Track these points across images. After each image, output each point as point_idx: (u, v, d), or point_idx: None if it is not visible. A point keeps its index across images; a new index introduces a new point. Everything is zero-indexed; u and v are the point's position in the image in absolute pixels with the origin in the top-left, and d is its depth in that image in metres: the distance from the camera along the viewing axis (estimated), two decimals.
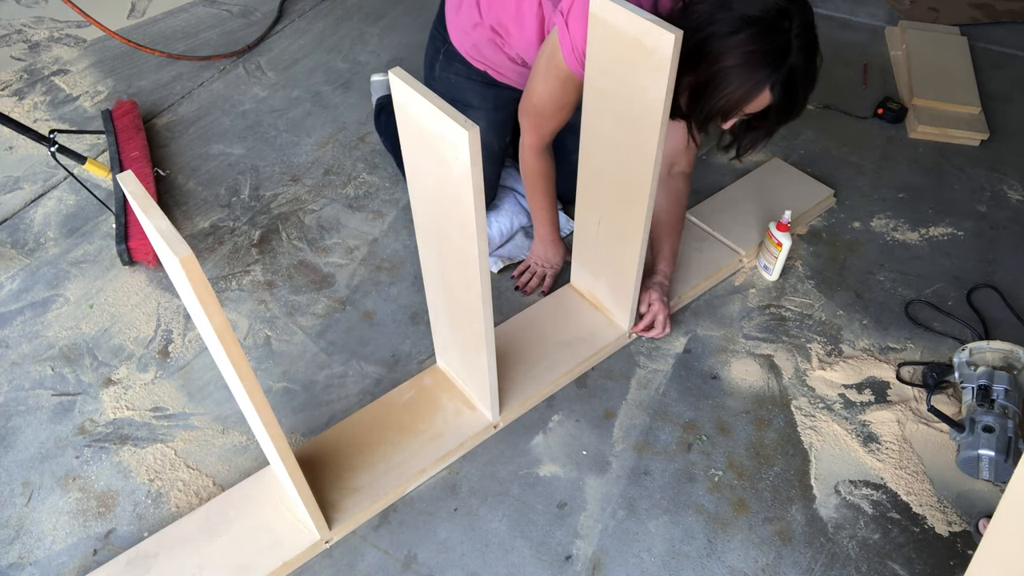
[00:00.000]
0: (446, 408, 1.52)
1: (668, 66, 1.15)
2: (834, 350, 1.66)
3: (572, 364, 1.60)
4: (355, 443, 1.47)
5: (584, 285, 1.72)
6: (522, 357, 1.61)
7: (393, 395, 1.54)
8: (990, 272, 1.82)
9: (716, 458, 1.47)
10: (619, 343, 1.66)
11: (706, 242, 1.86)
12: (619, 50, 1.23)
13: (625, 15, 1.18)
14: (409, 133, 1.13)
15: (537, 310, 1.71)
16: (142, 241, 1.80)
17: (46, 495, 1.43)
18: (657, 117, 1.23)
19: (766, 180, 2.03)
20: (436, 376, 1.58)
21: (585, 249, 1.64)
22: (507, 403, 1.53)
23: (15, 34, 2.65)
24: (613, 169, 1.40)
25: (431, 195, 1.17)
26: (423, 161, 1.13)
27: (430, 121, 1.04)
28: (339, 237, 1.92)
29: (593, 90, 1.34)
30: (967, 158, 2.14)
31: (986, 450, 1.38)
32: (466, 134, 0.97)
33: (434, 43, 1.79)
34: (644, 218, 1.39)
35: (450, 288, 1.31)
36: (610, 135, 1.36)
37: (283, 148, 2.18)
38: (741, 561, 1.33)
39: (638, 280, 1.53)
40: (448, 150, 1.03)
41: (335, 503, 1.38)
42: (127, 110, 2.18)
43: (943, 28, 2.56)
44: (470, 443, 1.48)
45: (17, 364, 1.64)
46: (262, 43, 2.60)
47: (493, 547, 1.35)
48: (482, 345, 1.31)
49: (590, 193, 1.51)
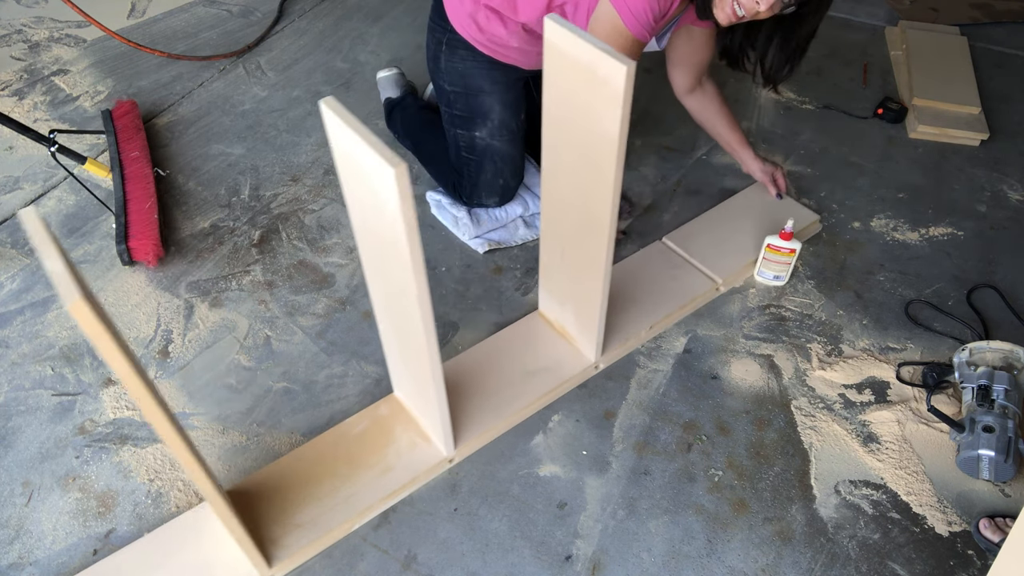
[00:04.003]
0: (400, 440, 1.45)
1: (621, 98, 1.09)
2: (834, 350, 1.66)
3: (534, 396, 1.53)
4: (303, 476, 1.40)
5: (552, 314, 1.65)
6: (483, 387, 1.54)
7: (346, 425, 1.48)
8: (990, 272, 1.82)
9: (716, 458, 1.47)
10: (585, 374, 1.59)
11: (682, 269, 1.79)
12: (574, 78, 1.17)
13: (578, 44, 1.12)
14: (343, 166, 1.08)
15: (504, 336, 1.64)
16: (142, 241, 1.80)
17: (46, 495, 1.43)
18: (613, 149, 1.17)
19: (749, 204, 1.95)
20: (392, 405, 1.51)
21: (551, 278, 1.57)
22: (464, 436, 1.46)
23: (15, 34, 2.65)
24: (574, 199, 1.34)
25: (370, 226, 1.11)
26: (360, 195, 1.08)
27: (361, 156, 0.98)
28: (339, 237, 1.92)
29: (551, 117, 1.29)
30: (967, 158, 2.14)
31: (986, 450, 1.38)
32: (392, 171, 0.91)
33: (434, 35, 1.81)
34: (606, 250, 1.32)
35: (396, 320, 1.25)
36: (570, 164, 1.30)
37: (283, 148, 2.18)
38: (741, 561, 1.33)
39: (603, 312, 1.46)
40: (380, 187, 0.98)
41: (277, 539, 1.31)
42: (127, 110, 2.18)
43: (943, 28, 2.56)
44: (423, 478, 1.42)
45: (17, 364, 1.64)
46: (262, 43, 2.60)
47: (493, 547, 1.35)
48: (430, 381, 1.25)
49: (553, 223, 1.45)
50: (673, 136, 1.84)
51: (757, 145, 2.17)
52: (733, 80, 2.40)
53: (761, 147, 2.17)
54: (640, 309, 1.69)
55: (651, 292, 1.73)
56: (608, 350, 1.61)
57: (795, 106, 2.32)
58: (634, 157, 2.13)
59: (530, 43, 1.70)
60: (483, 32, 1.70)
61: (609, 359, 1.61)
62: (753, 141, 2.18)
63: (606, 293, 1.42)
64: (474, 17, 1.68)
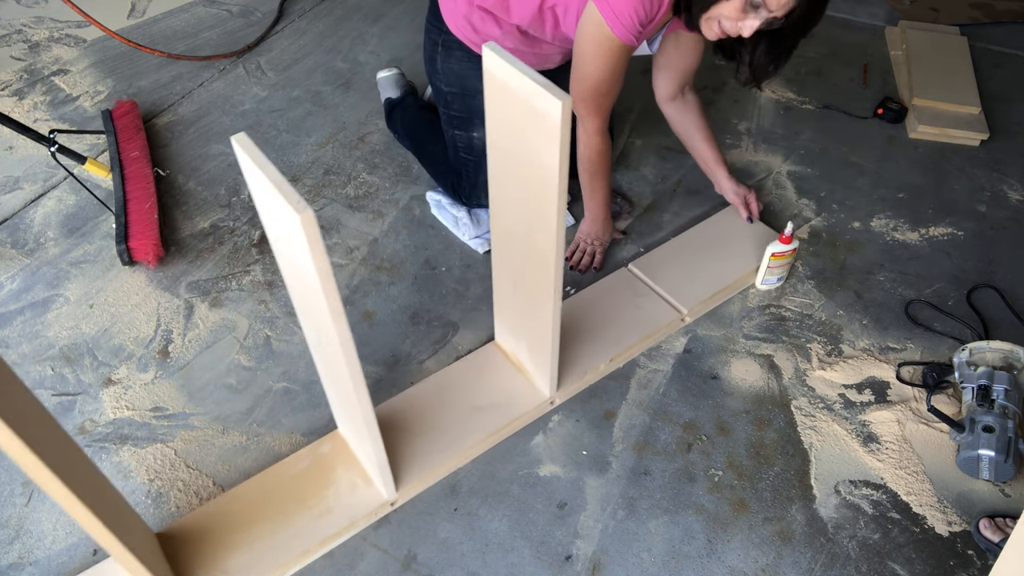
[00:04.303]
0: (340, 481, 1.39)
1: (558, 133, 1.03)
2: (834, 350, 1.66)
3: (483, 435, 1.46)
4: (237, 518, 1.33)
5: (507, 345, 1.58)
6: (431, 424, 1.48)
7: (286, 464, 1.42)
8: (990, 272, 1.82)
9: (716, 458, 1.47)
10: (539, 411, 1.52)
11: (646, 298, 1.71)
12: (514, 111, 1.11)
13: (515, 76, 1.06)
14: (260, 206, 1.03)
15: (458, 368, 1.57)
16: (142, 241, 1.80)
17: (46, 495, 1.43)
18: (554, 184, 1.11)
19: (720, 230, 1.87)
20: (335, 443, 1.45)
21: (504, 309, 1.51)
22: (407, 477, 1.39)
23: (15, 34, 2.65)
24: (522, 232, 1.27)
25: (289, 263, 1.06)
26: (277, 234, 1.03)
27: (270, 199, 0.93)
28: (339, 237, 1.92)
29: (495, 148, 1.23)
30: (967, 158, 2.14)
31: (986, 450, 1.38)
32: (298, 218, 0.86)
33: (431, 37, 1.81)
34: (553, 286, 1.26)
35: (327, 363, 1.19)
36: (515, 197, 1.24)
37: (283, 148, 2.18)
38: (741, 561, 1.33)
39: (555, 348, 1.40)
40: (290, 233, 0.93)
41: None
42: (127, 110, 2.18)
43: (943, 28, 2.56)
44: (362, 523, 1.36)
45: (17, 364, 1.64)
46: (262, 43, 2.60)
47: (493, 547, 1.35)
48: (363, 428, 1.20)
49: (504, 255, 1.38)
50: (673, 136, 1.84)
51: (757, 145, 2.18)
52: (733, 80, 2.40)
53: (761, 147, 2.17)
54: (600, 341, 1.62)
55: (613, 323, 1.66)
56: (564, 384, 1.54)
57: (795, 106, 2.32)
58: (634, 157, 2.13)
59: (525, 44, 1.70)
60: (478, 33, 1.70)
61: (566, 394, 1.55)
62: (753, 141, 2.19)
63: (557, 329, 1.36)
64: (468, 18, 1.68)
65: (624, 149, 2.16)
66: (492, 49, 1.10)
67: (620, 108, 2.27)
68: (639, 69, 2.42)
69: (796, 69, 2.45)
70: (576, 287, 1.78)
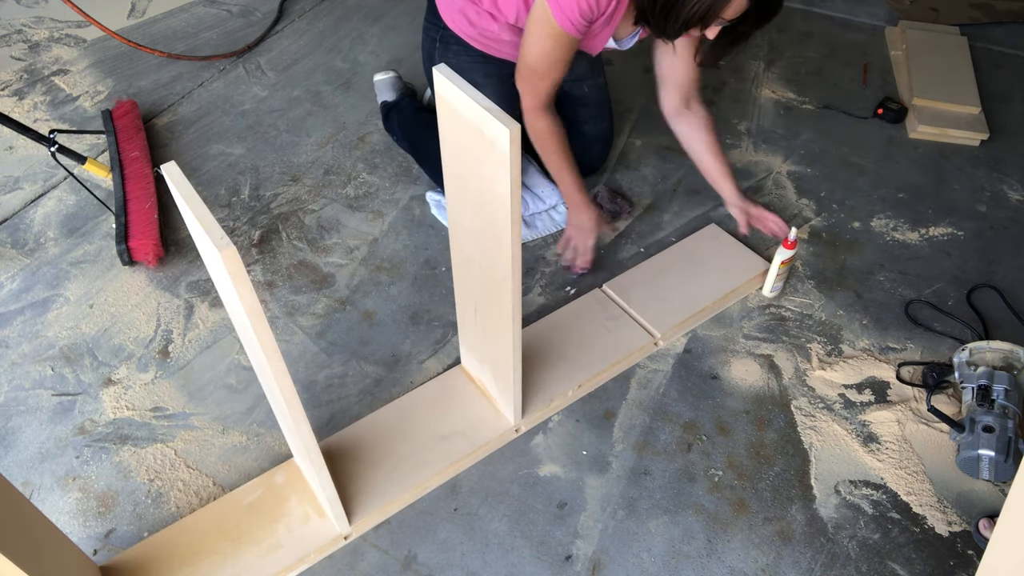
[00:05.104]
0: (292, 513, 1.34)
1: (508, 161, 1.00)
2: (834, 350, 1.66)
3: (443, 465, 1.42)
4: (183, 552, 1.29)
5: (473, 370, 1.54)
6: (389, 451, 1.43)
7: (238, 494, 1.37)
8: (990, 272, 1.82)
9: (716, 458, 1.47)
10: (504, 438, 1.48)
11: (619, 320, 1.66)
12: (466, 136, 1.08)
13: (465, 101, 1.03)
14: (193, 233, 1.02)
15: (422, 393, 1.54)
16: (142, 241, 1.80)
17: (46, 495, 1.43)
18: (507, 212, 1.07)
19: (697, 250, 1.81)
20: (289, 473, 1.40)
21: (468, 335, 1.48)
22: (363, 509, 1.35)
23: (15, 34, 2.65)
24: (479, 259, 1.24)
25: (227, 299, 1.04)
26: (211, 263, 1.01)
27: (197, 231, 0.92)
28: (339, 237, 1.92)
29: (450, 172, 1.20)
30: (967, 158, 2.14)
31: (986, 450, 1.38)
32: (220, 255, 0.84)
33: (429, 35, 1.82)
34: (511, 314, 1.22)
35: (271, 393, 1.15)
36: (471, 224, 1.21)
37: (283, 148, 2.18)
38: (741, 561, 1.33)
39: (517, 375, 1.37)
40: (217, 268, 0.91)
41: None
42: (127, 110, 2.18)
43: (943, 28, 2.56)
44: (313, 558, 1.31)
45: (17, 364, 1.64)
46: (262, 43, 2.60)
47: (493, 547, 1.35)
48: (308, 463, 1.16)
49: (464, 281, 1.35)
50: (673, 136, 1.84)
51: (757, 145, 2.18)
52: (733, 81, 2.40)
53: (761, 147, 2.17)
54: (569, 366, 1.57)
55: (583, 347, 1.60)
56: (530, 411, 1.50)
57: (795, 106, 2.32)
58: (634, 157, 2.14)
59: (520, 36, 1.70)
60: (474, 27, 1.71)
61: (532, 421, 1.51)
62: (753, 141, 2.19)
63: (519, 357, 1.32)
64: (464, 12, 1.70)
65: (624, 149, 2.16)
66: (441, 72, 1.07)
67: (620, 108, 2.27)
68: (639, 68, 2.43)
69: (796, 69, 2.45)
70: (575, 287, 1.78)
